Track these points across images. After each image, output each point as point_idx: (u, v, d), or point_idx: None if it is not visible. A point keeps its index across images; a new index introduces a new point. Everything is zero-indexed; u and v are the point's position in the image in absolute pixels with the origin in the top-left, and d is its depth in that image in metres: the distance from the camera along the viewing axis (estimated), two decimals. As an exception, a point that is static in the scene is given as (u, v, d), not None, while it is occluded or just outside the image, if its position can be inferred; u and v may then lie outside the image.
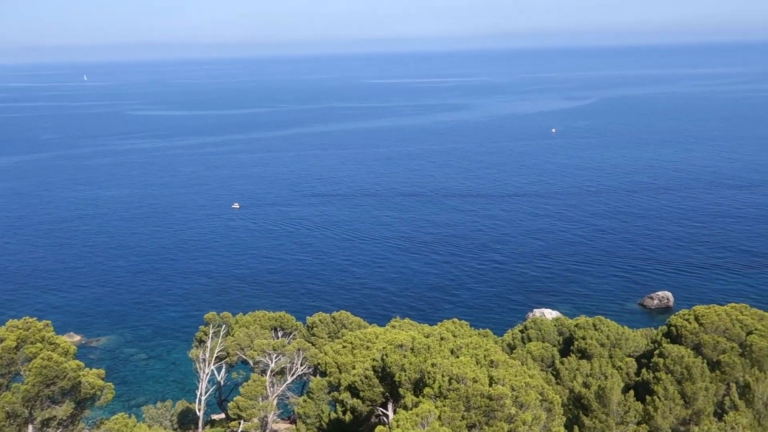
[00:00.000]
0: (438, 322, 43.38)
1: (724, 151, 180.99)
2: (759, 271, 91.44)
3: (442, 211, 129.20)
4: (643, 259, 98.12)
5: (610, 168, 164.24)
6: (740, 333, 33.89)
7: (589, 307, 78.13)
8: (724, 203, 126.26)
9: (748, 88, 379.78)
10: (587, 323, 39.80)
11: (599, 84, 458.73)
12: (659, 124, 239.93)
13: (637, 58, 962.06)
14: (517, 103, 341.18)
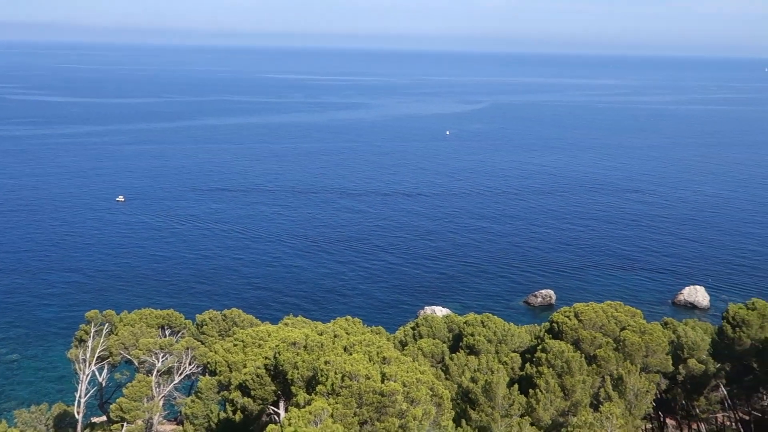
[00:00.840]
0: (331, 320, 43.39)
1: (604, 159, 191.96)
2: (632, 271, 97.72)
3: (336, 211, 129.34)
4: (528, 260, 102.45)
5: (499, 171, 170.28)
6: (615, 329, 36.07)
7: (477, 305, 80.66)
8: (602, 208, 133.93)
9: (626, 100, 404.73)
10: (476, 320, 41.04)
11: (492, 89, 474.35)
12: (546, 131, 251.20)
13: (528, 66, 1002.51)
14: (414, 105, 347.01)
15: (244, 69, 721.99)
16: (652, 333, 35.75)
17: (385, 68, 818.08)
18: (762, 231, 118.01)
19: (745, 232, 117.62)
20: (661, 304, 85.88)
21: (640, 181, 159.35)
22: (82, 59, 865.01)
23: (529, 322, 63.68)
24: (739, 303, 42.80)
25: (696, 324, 46.20)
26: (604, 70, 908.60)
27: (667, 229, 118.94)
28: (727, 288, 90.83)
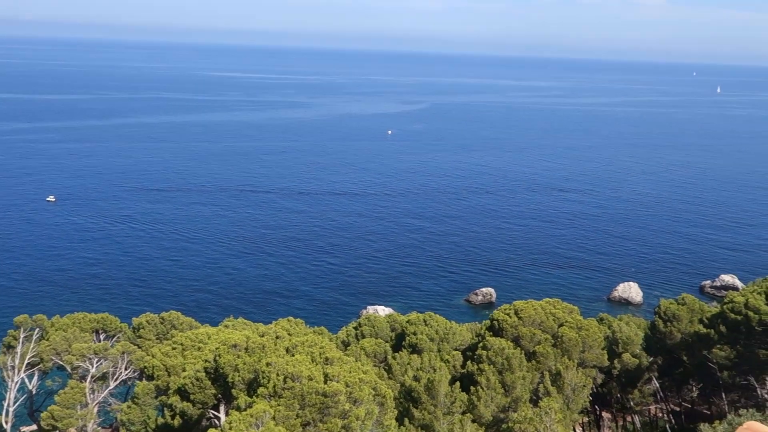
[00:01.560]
0: (273, 321, 42.86)
1: (541, 159, 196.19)
2: (569, 269, 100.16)
3: (276, 211, 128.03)
4: (469, 258, 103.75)
5: (440, 171, 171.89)
6: (553, 325, 36.84)
7: (420, 304, 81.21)
8: (539, 207, 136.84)
9: (562, 102, 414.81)
10: (418, 319, 41.22)
11: (432, 90, 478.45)
12: (485, 131, 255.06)
13: (467, 67, 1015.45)
14: (355, 104, 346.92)
15: (182, 66, 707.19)
16: (588, 329, 36.67)
17: (326, 67, 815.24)
18: (690, 229, 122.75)
19: (675, 230, 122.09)
20: (597, 300, 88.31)
21: (576, 181, 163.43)
22: (9, 53, 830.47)
23: (470, 320, 64.44)
24: (669, 298, 44.37)
25: (630, 319, 47.66)
26: (540, 72, 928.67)
27: (602, 227, 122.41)
28: (658, 284, 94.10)
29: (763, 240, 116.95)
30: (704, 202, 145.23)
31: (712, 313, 39.61)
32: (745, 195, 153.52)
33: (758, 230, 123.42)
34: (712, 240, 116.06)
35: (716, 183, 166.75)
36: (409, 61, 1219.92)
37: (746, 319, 35.91)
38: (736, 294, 39.75)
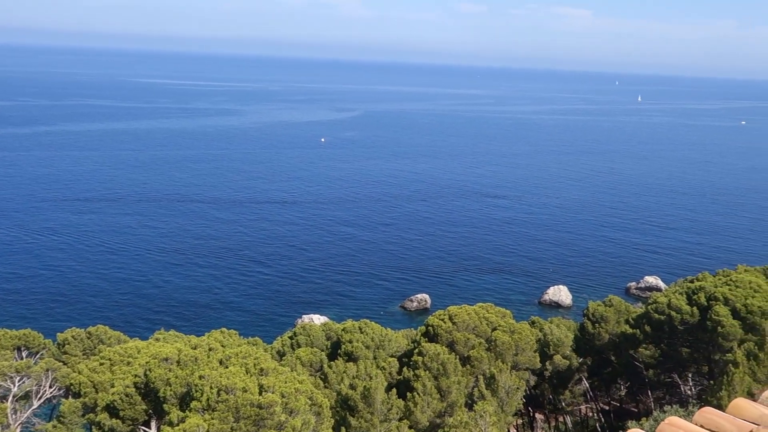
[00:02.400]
0: (206, 333, 41.93)
1: (473, 166, 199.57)
2: (501, 274, 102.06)
3: (206, 221, 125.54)
4: (403, 265, 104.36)
5: (373, 179, 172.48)
6: (486, 330, 37.41)
7: (355, 312, 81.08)
8: (472, 213, 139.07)
9: (492, 109, 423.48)
10: (353, 327, 41.15)
11: (365, 98, 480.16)
12: (418, 139, 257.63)
13: (399, 75, 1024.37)
14: (287, 112, 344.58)
15: (108, 72, 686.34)
16: (521, 332, 37.39)
17: (258, 74, 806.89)
18: (616, 233, 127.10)
19: (601, 234, 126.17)
20: (529, 304, 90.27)
21: (506, 188, 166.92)
22: None
23: (405, 326, 64.77)
24: (597, 300, 45.76)
25: (560, 322, 48.92)
26: (470, 80, 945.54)
27: (532, 233, 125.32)
28: (586, 287, 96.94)
29: (683, 242, 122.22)
30: (628, 206, 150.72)
31: (638, 313, 41.05)
32: (665, 199, 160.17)
33: (679, 233, 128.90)
34: (636, 243, 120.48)
35: (639, 188, 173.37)
36: (342, 68, 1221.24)
37: (669, 318, 37.37)
38: (660, 295, 41.35)
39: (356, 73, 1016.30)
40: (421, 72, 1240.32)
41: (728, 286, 37.21)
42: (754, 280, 38.52)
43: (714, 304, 35.87)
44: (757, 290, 36.61)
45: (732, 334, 34.57)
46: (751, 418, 4.10)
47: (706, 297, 36.80)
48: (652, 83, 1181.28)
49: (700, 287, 38.05)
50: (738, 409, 4.18)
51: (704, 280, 40.70)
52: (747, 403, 4.18)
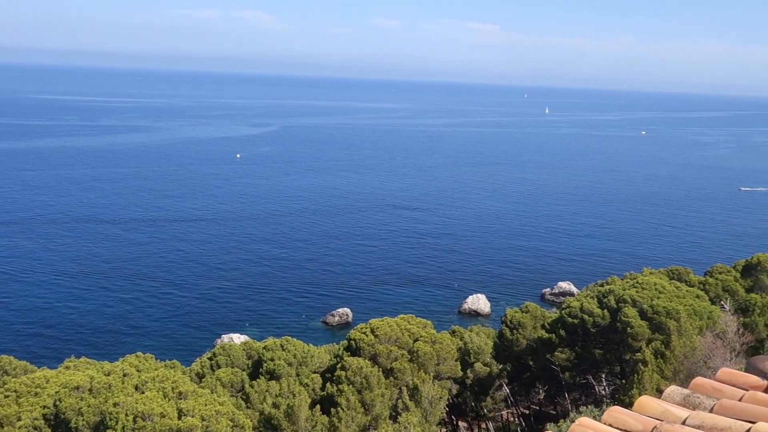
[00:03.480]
0: (120, 358, 40.33)
1: (390, 179, 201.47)
2: (421, 285, 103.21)
3: (116, 243, 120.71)
4: (324, 280, 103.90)
5: (291, 194, 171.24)
6: (408, 341, 37.66)
7: (276, 329, 79.99)
8: (390, 226, 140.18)
9: (408, 122, 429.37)
10: (275, 344, 40.56)
11: (281, 112, 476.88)
12: (335, 153, 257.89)
13: (315, 89, 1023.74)
14: (201, 127, 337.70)
15: (6, 88, 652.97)
16: (442, 342, 37.86)
17: (170, 89, 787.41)
18: (529, 241, 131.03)
19: (515, 243, 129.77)
20: (449, 313, 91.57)
21: (423, 200, 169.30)
22: None
23: (328, 341, 64.46)
24: (514, 307, 46.97)
25: (480, 329, 49.89)
26: (386, 94, 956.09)
27: (450, 244, 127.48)
28: (504, 294, 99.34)
29: (593, 248, 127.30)
30: (540, 215, 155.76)
31: (553, 318, 42.38)
32: (575, 207, 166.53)
33: (588, 240, 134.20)
34: (549, 250, 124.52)
35: (549, 197, 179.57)
36: (259, 83, 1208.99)
37: (582, 322, 38.76)
38: (573, 299, 42.87)
39: (273, 88, 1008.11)
40: (337, 86, 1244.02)
41: (635, 289, 38.99)
42: (658, 281, 40.52)
43: (623, 306, 37.48)
44: (662, 291, 38.52)
45: (640, 334, 36.19)
46: (655, 415, 4.32)
47: (615, 300, 38.42)
48: (558, 96, 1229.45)
49: (609, 290, 39.68)
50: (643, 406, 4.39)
51: (613, 283, 42.50)
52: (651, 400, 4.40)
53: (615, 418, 4.27)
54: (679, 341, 31.95)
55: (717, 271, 50.84)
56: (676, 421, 3.97)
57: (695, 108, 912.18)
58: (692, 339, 32.59)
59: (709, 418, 3.87)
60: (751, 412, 3.92)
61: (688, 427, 3.89)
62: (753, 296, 45.79)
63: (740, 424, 3.78)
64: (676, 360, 31.65)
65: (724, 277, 48.86)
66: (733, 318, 37.03)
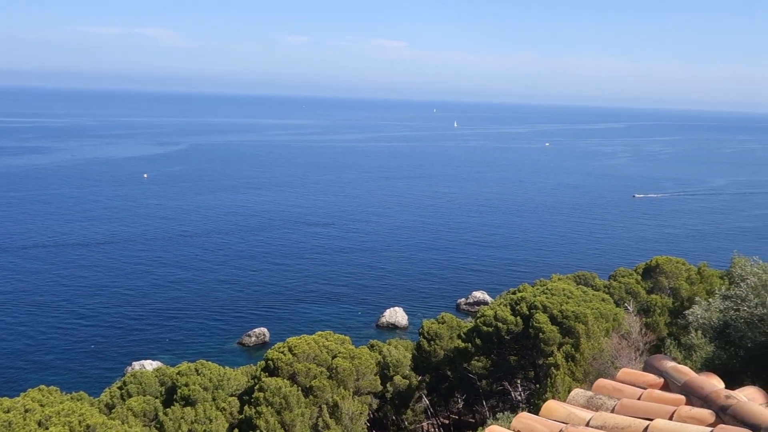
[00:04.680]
0: (21, 393, 38.03)
1: (303, 195, 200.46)
2: (338, 300, 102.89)
3: (13, 272, 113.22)
4: (238, 300, 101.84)
5: (201, 214, 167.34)
6: (327, 358, 37.45)
7: (191, 353, 77.55)
8: (306, 242, 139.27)
9: (320, 138, 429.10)
10: (189, 369, 39.40)
11: (189, 130, 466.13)
12: (247, 171, 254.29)
13: (224, 106, 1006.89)
14: (105, 147, 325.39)
15: None
16: (361, 357, 37.86)
17: (71, 108, 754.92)
18: (443, 254, 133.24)
19: (430, 255, 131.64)
20: (367, 327, 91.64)
21: (338, 216, 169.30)
22: None
23: (245, 362, 63.08)
24: (431, 319, 47.57)
25: (398, 343, 50.17)
26: (297, 110, 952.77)
27: (366, 258, 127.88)
28: (420, 306, 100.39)
29: (504, 257, 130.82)
30: (452, 227, 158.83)
31: (469, 327, 43.19)
32: (486, 218, 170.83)
33: (499, 249, 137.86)
34: (462, 261, 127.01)
35: (461, 209, 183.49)
36: (165, 101, 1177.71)
37: (497, 330, 39.69)
38: (487, 308, 43.85)
39: (180, 106, 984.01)
40: (248, 103, 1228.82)
41: (545, 295, 40.31)
42: (566, 287, 42.06)
43: (534, 313, 38.65)
44: (570, 296, 40.00)
45: (551, 338, 37.40)
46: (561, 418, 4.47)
47: (527, 306, 39.57)
48: (466, 110, 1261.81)
49: (521, 298, 40.85)
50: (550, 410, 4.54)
51: (525, 290, 43.78)
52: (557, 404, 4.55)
53: (523, 424, 4.39)
54: (587, 344, 33.22)
55: (620, 275, 53.34)
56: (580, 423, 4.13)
57: (593, 120, 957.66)
58: (600, 341, 33.95)
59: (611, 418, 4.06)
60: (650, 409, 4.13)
61: (592, 428, 4.06)
62: (653, 297, 48.27)
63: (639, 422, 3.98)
64: (586, 362, 32.87)
65: (627, 280, 51.29)
66: (636, 319, 38.86)
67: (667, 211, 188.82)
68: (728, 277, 42.18)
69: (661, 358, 4.94)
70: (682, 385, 4.63)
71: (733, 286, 26.28)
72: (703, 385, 4.52)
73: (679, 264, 52.87)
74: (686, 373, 4.76)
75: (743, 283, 24.51)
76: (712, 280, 49.14)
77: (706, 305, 28.87)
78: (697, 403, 4.43)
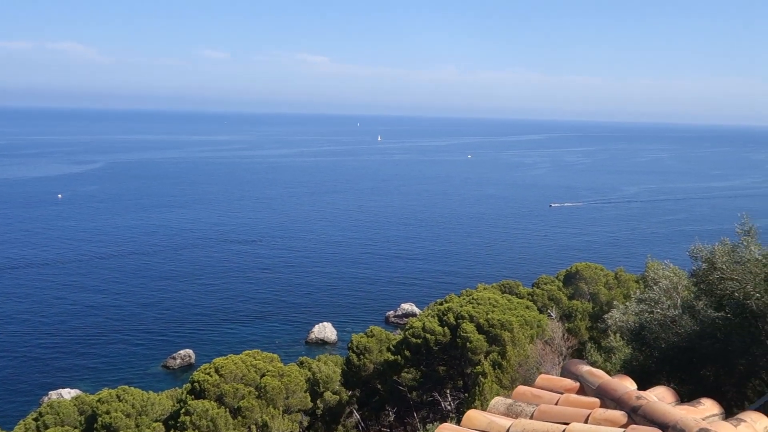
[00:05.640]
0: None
1: (228, 212, 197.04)
2: (266, 318, 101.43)
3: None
4: (161, 322, 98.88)
5: (121, 235, 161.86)
6: (255, 377, 36.82)
7: (112, 379, 74.67)
8: (230, 260, 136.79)
9: (244, 154, 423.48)
10: (110, 395, 37.95)
11: (107, 148, 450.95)
12: (168, 188, 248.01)
13: (144, 122, 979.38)
14: (15, 168, 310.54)
15: None
16: (290, 374, 37.42)
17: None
18: (371, 267, 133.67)
19: (357, 269, 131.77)
20: (296, 344, 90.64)
21: (264, 233, 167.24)
22: None
23: (169, 386, 61.15)
24: (360, 333, 47.54)
25: (327, 358, 49.85)
26: (218, 126, 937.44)
27: (293, 274, 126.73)
28: (349, 321, 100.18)
29: (431, 269, 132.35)
30: (379, 240, 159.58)
31: (398, 340, 43.41)
32: (412, 231, 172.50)
33: (426, 261, 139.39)
34: (390, 274, 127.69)
35: (387, 222, 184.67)
36: (81, 118, 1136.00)
37: (425, 341, 40.04)
38: (415, 320, 44.20)
39: (96, 122, 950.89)
40: (169, 119, 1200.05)
41: (471, 305, 41.00)
42: (492, 296, 42.92)
43: (461, 322, 39.24)
44: (495, 305, 40.83)
45: (479, 347, 38.03)
46: (482, 427, 4.57)
47: (454, 316, 40.13)
48: (389, 123, 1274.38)
49: (448, 308, 41.40)
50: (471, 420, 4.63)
51: (451, 301, 44.40)
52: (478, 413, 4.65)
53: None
54: (513, 351, 33.97)
55: (542, 282, 54.87)
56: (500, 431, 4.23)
57: (514, 132, 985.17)
58: (525, 348, 34.78)
59: (530, 424, 4.18)
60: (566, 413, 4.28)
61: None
62: (574, 303, 49.87)
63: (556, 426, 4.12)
64: (512, 369, 33.59)
65: (549, 287, 52.82)
66: (558, 324, 40.04)
67: (584, 219, 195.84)
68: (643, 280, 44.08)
69: (577, 363, 5.13)
70: (596, 388, 4.82)
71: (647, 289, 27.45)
72: (615, 387, 4.73)
73: (598, 270, 54.90)
74: (600, 376, 4.97)
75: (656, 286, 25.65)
76: (629, 284, 51.28)
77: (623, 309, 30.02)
78: (611, 405, 4.63)
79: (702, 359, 22.09)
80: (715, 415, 5.14)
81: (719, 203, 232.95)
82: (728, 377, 22.19)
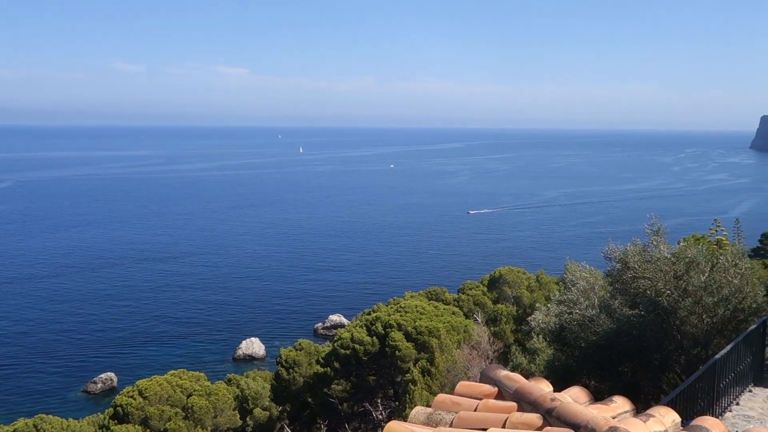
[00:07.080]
0: None
1: (147, 229, 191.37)
2: (191, 337, 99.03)
3: None
4: (80, 346, 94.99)
5: (32, 256, 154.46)
6: (182, 397, 35.96)
7: (27, 408, 71.10)
8: (152, 278, 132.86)
9: (162, 169, 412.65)
10: (27, 426, 36.16)
11: (14, 166, 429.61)
12: (82, 206, 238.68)
13: (52, 139, 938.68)
14: None
15: None
16: (218, 393, 36.75)
17: None
18: (297, 278, 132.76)
19: (283, 282, 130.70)
20: (223, 362, 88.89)
21: (185, 250, 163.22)
22: None
23: (91, 411, 58.74)
24: (288, 346, 47.14)
25: (256, 374, 49.20)
26: (135, 141, 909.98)
27: (217, 290, 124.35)
28: (277, 335, 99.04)
29: (358, 279, 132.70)
30: (304, 253, 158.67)
31: (327, 352, 43.27)
32: (337, 241, 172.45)
33: (352, 271, 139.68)
34: (316, 286, 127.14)
35: (311, 234, 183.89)
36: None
37: (354, 352, 40.10)
38: (344, 330, 44.19)
39: (1, 139, 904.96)
40: (80, 134, 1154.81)
41: (399, 313, 41.39)
42: (419, 303, 43.46)
43: (390, 331, 39.54)
44: (423, 312, 41.36)
45: (407, 355, 38.41)
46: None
47: (382, 325, 40.39)
48: (311, 135, 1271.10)
49: (376, 318, 41.64)
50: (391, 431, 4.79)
51: (379, 310, 44.67)
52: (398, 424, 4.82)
53: (368, 448, 4.58)
54: (441, 357, 34.51)
55: (468, 288, 55.96)
56: (421, 441, 4.40)
57: (434, 141, 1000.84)
58: (453, 353, 35.39)
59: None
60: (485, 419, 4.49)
61: (431, 444, 4.33)
62: (499, 307, 51.08)
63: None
64: (441, 375, 34.12)
65: (474, 292, 53.91)
66: (484, 329, 40.95)
67: (506, 224, 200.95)
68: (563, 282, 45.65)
69: (495, 368, 5.37)
70: (513, 392, 5.07)
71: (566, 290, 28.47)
72: (531, 390, 4.99)
73: (520, 273, 56.44)
74: (517, 380, 5.22)
75: (574, 287, 26.68)
76: (550, 286, 52.98)
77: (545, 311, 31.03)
78: (528, 409, 4.89)
79: (620, 356, 23.14)
80: (626, 411, 5.49)
81: (631, 205, 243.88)
82: (645, 372, 23.35)
